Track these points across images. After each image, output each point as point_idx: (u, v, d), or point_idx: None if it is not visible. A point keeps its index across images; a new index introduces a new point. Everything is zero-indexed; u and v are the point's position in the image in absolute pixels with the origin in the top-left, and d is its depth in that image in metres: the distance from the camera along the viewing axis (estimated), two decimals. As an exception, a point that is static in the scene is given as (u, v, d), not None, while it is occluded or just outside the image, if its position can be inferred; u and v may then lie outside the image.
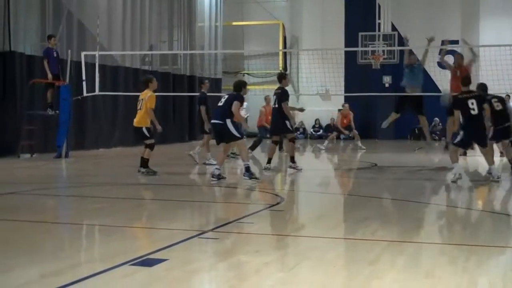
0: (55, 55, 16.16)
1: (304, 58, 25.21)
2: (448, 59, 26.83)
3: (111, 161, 16.66)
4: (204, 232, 6.52)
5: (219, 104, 11.19)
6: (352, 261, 5.38)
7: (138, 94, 12.79)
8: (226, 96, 11.25)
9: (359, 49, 25.16)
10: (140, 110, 12.01)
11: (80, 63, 17.43)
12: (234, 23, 29.49)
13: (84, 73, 17.21)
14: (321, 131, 28.72)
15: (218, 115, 11.04)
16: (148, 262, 5.09)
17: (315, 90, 23.50)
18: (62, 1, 18.47)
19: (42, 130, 17.04)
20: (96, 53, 17.49)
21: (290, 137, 13.20)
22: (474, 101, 10.69)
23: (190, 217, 8.09)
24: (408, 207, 8.62)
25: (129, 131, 19.36)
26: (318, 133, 28.62)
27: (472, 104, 10.64)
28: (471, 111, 10.64)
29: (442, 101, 13.66)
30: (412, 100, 14.37)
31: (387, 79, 27.41)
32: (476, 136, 11.00)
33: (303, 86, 26.03)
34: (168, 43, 24.82)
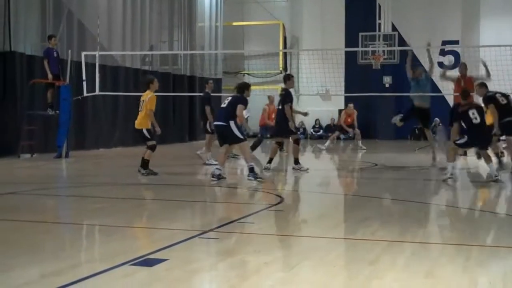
0: (55, 55, 16.17)
1: (304, 58, 25.22)
2: (448, 59, 27.01)
3: (111, 161, 16.66)
4: (205, 232, 6.52)
5: (223, 105, 11.16)
6: (352, 261, 5.38)
7: (138, 94, 12.81)
8: (229, 98, 11.22)
9: (360, 49, 25.17)
10: (141, 112, 12.01)
11: (80, 63, 17.44)
12: (235, 23, 29.49)
13: (84, 73, 17.22)
14: (321, 131, 28.72)
15: (222, 117, 11.01)
16: (148, 262, 5.09)
17: (315, 90, 23.51)
18: (63, 1, 18.48)
19: (42, 130, 17.05)
20: (97, 53, 17.50)
21: (294, 138, 13.13)
22: (474, 110, 10.90)
23: (191, 217, 8.08)
24: (408, 207, 8.62)
25: (129, 131, 19.42)
26: (318, 133, 28.62)
27: (473, 114, 10.84)
28: (473, 121, 10.83)
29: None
30: (420, 114, 14.33)
31: (387, 79, 27.42)
32: (480, 140, 11.21)
33: (303, 86, 26.03)
34: (168, 43, 24.82)
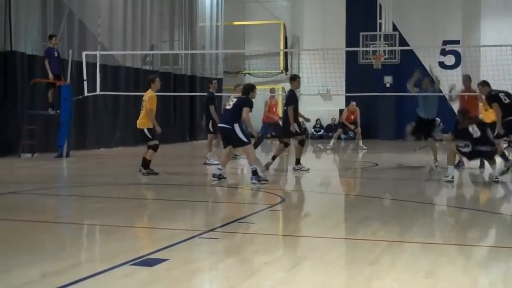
0: (56, 54, 16.18)
1: (305, 58, 25.21)
2: (449, 59, 27.01)
3: (112, 161, 16.67)
4: (205, 232, 6.53)
5: (227, 107, 11.10)
6: (352, 261, 5.39)
7: (139, 94, 12.80)
8: (234, 100, 11.13)
9: (360, 49, 25.16)
10: (142, 111, 12.01)
11: (81, 62, 17.43)
12: (235, 23, 29.48)
13: (85, 72, 17.21)
14: (322, 131, 28.72)
15: (226, 119, 10.93)
16: (148, 262, 5.10)
17: (316, 90, 23.52)
18: (63, 0, 18.47)
19: (43, 129, 17.04)
20: (97, 52, 17.49)
21: (299, 139, 13.07)
22: (474, 126, 11.06)
23: (191, 217, 8.09)
24: (408, 207, 8.62)
25: (130, 131, 19.45)
26: (319, 133, 28.62)
27: (473, 129, 10.98)
28: (473, 135, 10.96)
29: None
30: (426, 127, 14.36)
31: (388, 79, 27.40)
32: (482, 154, 11.42)
33: (304, 86, 25.86)
34: (169, 43, 24.81)
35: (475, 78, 15.17)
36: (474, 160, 12.13)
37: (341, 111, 23.90)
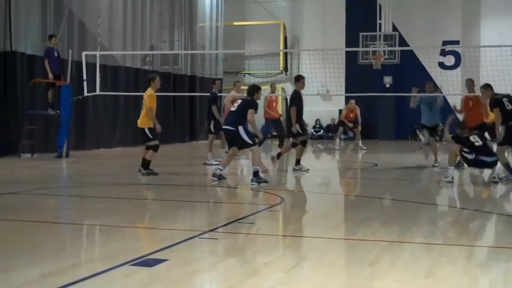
0: (56, 54, 16.18)
1: (305, 58, 25.19)
2: (449, 59, 27.02)
3: (112, 161, 16.67)
4: (205, 232, 6.53)
5: (232, 109, 11.07)
6: (352, 261, 5.39)
7: (138, 94, 12.79)
8: (239, 101, 11.07)
9: (360, 49, 25.14)
10: (143, 110, 12.00)
11: (81, 63, 17.43)
12: (235, 23, 29.48)
13: (85, 73, 17.21)
14: (321, 131, 28.72)
15: (231, 121, 10.90)
16: (148, 262, 5.10)
17: (316, 90, 23.48)
18: (63, 0, 18.47)
19: (43, 129, 17.04)
20: (97, 53, 17.49)
21: (301, 140, 13.02)
22: (475, 136, 11.12)
23: (191, 217, 8.08)
24: (408, 207, 8.62)
25: (129, 131, 19.46)
26: (319, 133, 28.62)
27: (474, 139, 11.03)
28: (475, 143, 10.97)
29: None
30: (430, 129, 14.39)
31: (388, 79, 27.40)
32: (484, 165, 11.45)
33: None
34: (169, 43, 24.80)
35: (475, 79, 15.15)
36: (472, 167, 12.12)
37: (340, 112, 23.91)
